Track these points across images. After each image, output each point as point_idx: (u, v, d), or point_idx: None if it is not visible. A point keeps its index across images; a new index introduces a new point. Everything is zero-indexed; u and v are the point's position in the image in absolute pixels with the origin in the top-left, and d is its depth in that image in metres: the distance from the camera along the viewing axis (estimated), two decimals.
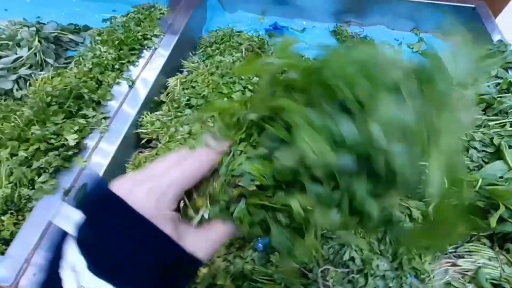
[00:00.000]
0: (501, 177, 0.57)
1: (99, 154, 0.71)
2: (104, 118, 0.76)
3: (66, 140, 0.68)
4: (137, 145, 0.79)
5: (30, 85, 0.89)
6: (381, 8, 1.20)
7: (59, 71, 0.89)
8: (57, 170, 0.66)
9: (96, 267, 0.22)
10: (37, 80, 0.86)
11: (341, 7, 1.23)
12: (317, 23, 1.26)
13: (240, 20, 1.27)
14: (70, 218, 0.24)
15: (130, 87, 0.83)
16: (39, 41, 0.99)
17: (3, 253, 0.57)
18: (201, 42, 1.09)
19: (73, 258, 0.23)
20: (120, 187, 0.25)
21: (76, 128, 0.70)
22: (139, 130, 0.77)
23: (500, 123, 0.65)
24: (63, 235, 0.25)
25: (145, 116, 0.79)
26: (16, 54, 0.97)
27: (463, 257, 0.60)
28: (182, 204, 0.28)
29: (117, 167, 0.73)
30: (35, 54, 0.98)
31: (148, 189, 0.24)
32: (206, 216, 0.28)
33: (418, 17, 1.20)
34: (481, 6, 1.09)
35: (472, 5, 1.09)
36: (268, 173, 0.26)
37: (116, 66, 0.86)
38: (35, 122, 0.70)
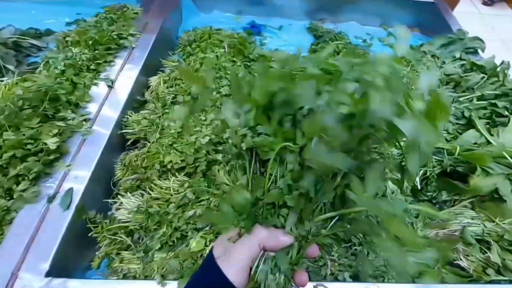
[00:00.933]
0: (475, 143, 0.68)
1: (84, 158, 0.70)
2: (85, 120, 0.76)
3: (45, 144, 0.67)
4: (123, 147, 0.80)
5: None
6: (352, 6, 1.34)
7: (25, 76, 0.87)
8: (37, 177, 0.65)
9: None
10: None
11: (315, 5, 1.35)
12: (293, 21, 1.37)
13: (216, 20, 1.33)
14: None
15: (110, 87, 0.84)
16: None
17: None
18: (180, 42, 1.13)
19: None
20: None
21: (55, 131, 0.69)
22: (124, 131, 0.78)
23: (468, 98, 0.78)
24: None
25: (130, 116, 0.80)
26: None
27: (450, 220, 0.69)
28: None
29: (104, 170, 0.73)
30: None
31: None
32: None
33: (385, 13, 1.36)
34: (439, 1, 1.27)
35: (432, 1, 1.27)
36: None
37: (92, 67, 0.87)
38: (7, 128, 0.68)
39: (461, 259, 0.67)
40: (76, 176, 0.67)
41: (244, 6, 1.35)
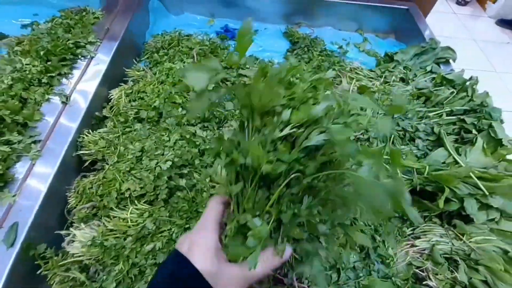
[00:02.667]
0: (443, 163, 0.67)
1: (32, 185, 0.64)
2: (34, 142, 0.69)
3: None
4: (79, 169, 0.73)
5: None
6: (328, 10, 1.31)
7: None
8: None
9: None
10: None
11: (290, 9, 1.31)
12: (268, 25, 1.32)
13: (187, 23, 1.26)
14: None
15: (64, 103, 0.77)
16: None
17: None
18: (146, 48, 1.06)
19: None
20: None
21: None
22: (80, 152, 0.72)
23: (438, 113, 0.77)
24: None
25: (86, 135, 0.73)
26: None
27: (419, 238, 0.69)
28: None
29: (56, 198, 0.67)
30: None
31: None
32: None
33: (361, 18, 1.34)
34: (413, 7, 1.27)
35: (406, 7, 1.26)
36: None
37: (44, 80, 0.79)
38: None
39: (430, 278, 0.66)
40: (22, 208, 0.61)
41: (217, 9, 1.28)
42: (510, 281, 0.59)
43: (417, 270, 0.69)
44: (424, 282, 0.66)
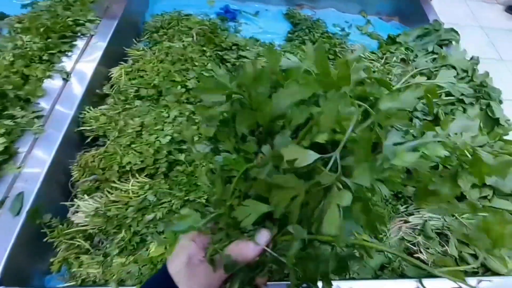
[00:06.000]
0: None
1: (35, 159, 0.66)
2: (37, 117, 0.70)
3: None
4: (81, 145, 0.75)
5: None
6: None
7: None
8: None
9: None
10: None
11: None
12: (270, 6, 1.31)
13: (187, 3, 1.24)
14: None
15: (65, 80, 0.78)
16: None
17: None
18: (146, 28, 1.06)
19: None
20: None
21: (2, 131, 0.64)
22: (82, 128, 0.73)
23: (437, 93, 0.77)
24: None
25: (87, 112, 0.75)
26: None
27: (412, 214, 0.71)
28: None
29: (60, 171, 0.69)
30: None
31: None
32: None
33: (364, 0, 1.32)
34: None
35: None
36: None
37: (45, 58, 0.80)
38: None
39: (421, 252, 0.69)
40: (27, 179, 0.63)
41: None
42: (498, 254, 0.61)
43: (409, 244, 0.71)
44: (415, 255, 0.69)
